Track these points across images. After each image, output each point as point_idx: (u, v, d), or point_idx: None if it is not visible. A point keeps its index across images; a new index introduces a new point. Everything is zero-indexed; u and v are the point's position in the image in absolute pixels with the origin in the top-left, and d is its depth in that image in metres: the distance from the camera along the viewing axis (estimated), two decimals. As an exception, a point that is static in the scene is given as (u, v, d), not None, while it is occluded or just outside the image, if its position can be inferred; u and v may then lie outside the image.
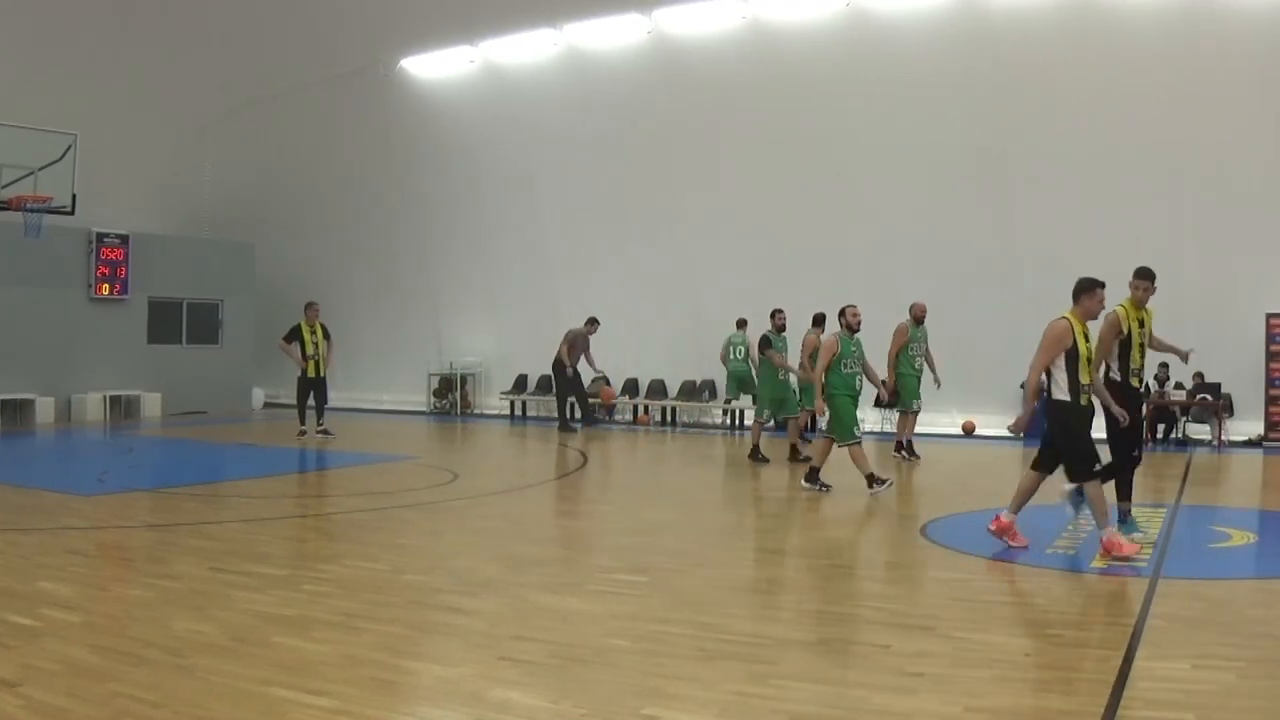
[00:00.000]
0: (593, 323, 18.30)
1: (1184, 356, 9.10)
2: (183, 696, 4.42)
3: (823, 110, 17.36)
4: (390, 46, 20.81)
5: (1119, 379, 8.15)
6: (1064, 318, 7.50)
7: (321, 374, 16.55)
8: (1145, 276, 8.28)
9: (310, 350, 16.37)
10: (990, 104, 16.23)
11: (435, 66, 20.93)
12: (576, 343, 18.15)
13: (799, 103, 17.54)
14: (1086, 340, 7.46)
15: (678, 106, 18.58)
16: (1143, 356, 8.23)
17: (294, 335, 16.50)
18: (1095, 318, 7.72)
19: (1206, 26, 14.71)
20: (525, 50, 19.81)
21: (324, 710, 4.30)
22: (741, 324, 17.06)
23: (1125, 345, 8.13)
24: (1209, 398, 15.60)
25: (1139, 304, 8.21)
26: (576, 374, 18.27)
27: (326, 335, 16.73)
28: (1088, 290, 7.63)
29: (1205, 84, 14.83)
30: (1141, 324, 8.19)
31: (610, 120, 19.27)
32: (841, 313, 11.20)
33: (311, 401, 16.66)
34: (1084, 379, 7.36)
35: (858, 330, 11.10)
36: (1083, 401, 7.39)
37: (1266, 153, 14.82)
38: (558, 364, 18.16)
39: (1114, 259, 15.64)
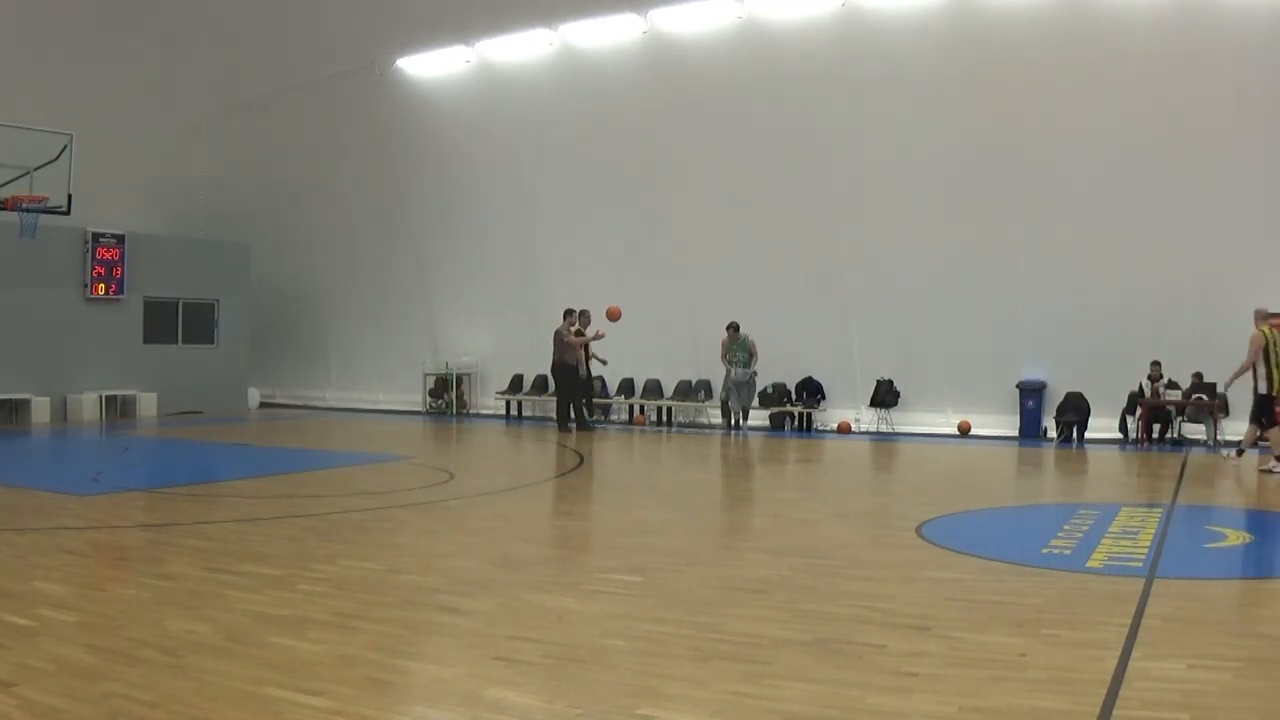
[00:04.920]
0: (567, 314, 18.20)
1: None
2: (178, 696, 4.41)
3: (819, 109, 17.38)
4: (386, 46, 20.80)
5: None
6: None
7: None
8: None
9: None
10: (984, 102, 16.25)
11: (431, 66, 20.91)
12: (566, 339, 18.06)
13: (795, 101, 17.56)
14: None
15: (673, 106, 18.59)
16: None
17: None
18: None
19: (1200, 25, 14.74)
20: (521, 50, 19.80)
21: (319, 710, 4.29)
22: None
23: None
24: (1204, 398, 15.62)
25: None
26: (589, 374, 18.27)
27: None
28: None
29: (1199, 82, 14.86)
30: None
31: (605, 119, 19.27)
32: None
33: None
34: None
35: None
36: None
37: (1262, 152, 14.85)
38: (559, 366, 18.08)
39: (1109, 259, 15.84)
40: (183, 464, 14.23)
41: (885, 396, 18.03)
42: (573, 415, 18.12)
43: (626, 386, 20.47)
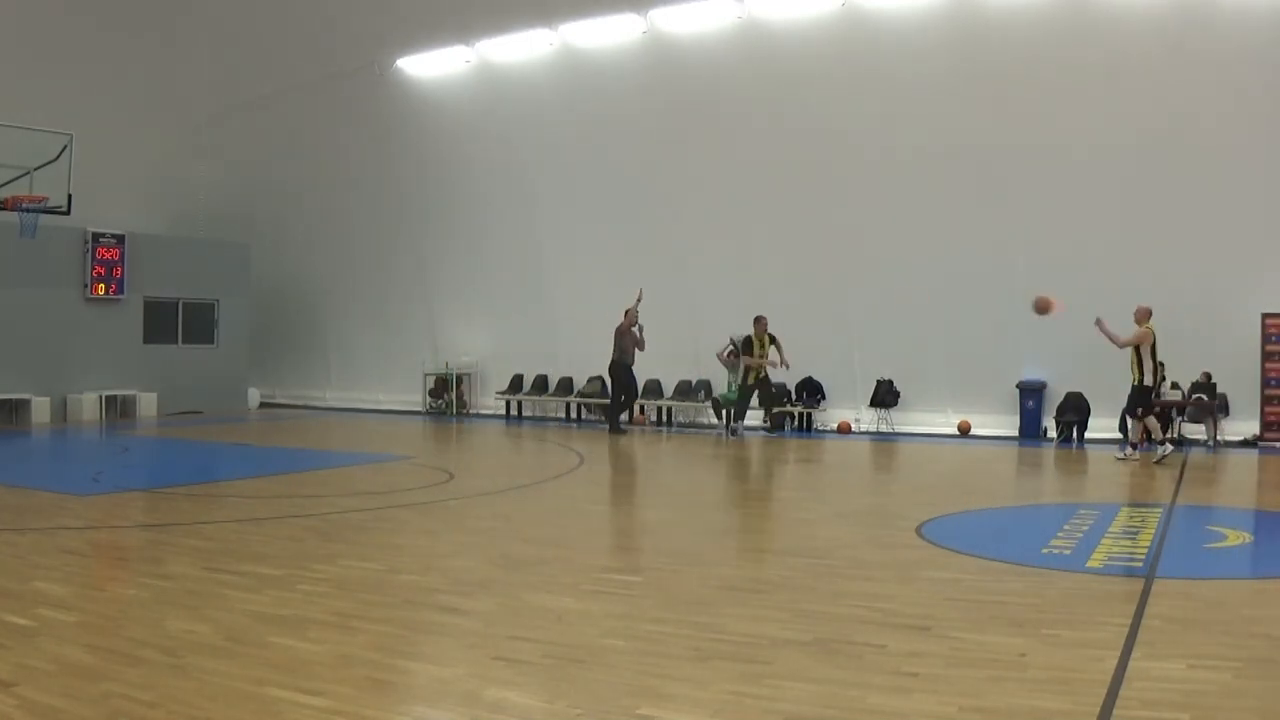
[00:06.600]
0: (627, 312, 18.02)
1: None
2: (178, 696, 4.41)
3: (818, 108, 17.38)
4: (386, 46, 20.81)
5: None
6: None
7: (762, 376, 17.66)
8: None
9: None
10: (984, 101, 16.25)
11: (431, 66, 20.91)
12: (626, 337, 17.98)
13: (794, 101, 17.56)
14: None
15: (673, 106, 18.58)
16: None
17: (749, 347, 17.35)
18: None
19: (1199, 24, 14.74)
20: (521, 50, 19.80)
21: (319, 710, 4.29)
22: None
23: None
24: (1204, 397, 15.62)
25: None
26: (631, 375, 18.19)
27: (774, 342, 17.32)
28: None
29: (1199, 82, 14.86)
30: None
31: (606, 119, 19.27)
32: None
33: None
34: None
35: None
36: None
37: (1262, 152, 14.85)
38: (616, 366, 17.98)
39: (1109, 258, 15.83)
40: (183, 464, 14.23)
41: (885, 396, 18.02)
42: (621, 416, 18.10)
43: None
